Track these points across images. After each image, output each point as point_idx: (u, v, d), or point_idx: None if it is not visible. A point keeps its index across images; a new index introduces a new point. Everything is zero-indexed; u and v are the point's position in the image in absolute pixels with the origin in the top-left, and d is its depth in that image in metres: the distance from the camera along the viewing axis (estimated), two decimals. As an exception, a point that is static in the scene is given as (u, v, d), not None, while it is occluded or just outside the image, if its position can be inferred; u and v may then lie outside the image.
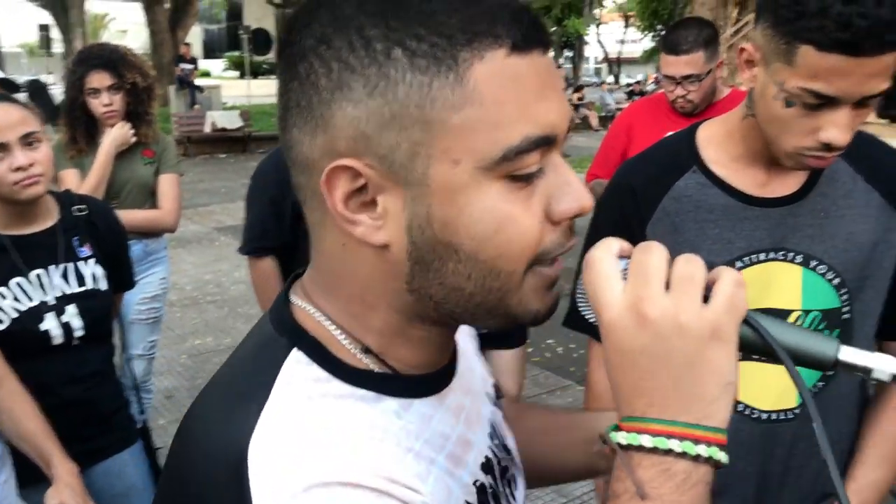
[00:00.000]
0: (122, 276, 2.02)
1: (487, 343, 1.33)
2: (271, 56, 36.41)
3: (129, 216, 2.57)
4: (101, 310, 1.87)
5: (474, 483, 0.68)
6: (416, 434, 0.63)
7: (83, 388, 1.83)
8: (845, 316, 1.24)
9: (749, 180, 1.23)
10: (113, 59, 2.81)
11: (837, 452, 1.32)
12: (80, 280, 1.84)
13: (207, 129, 14.81)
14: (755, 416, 1.27)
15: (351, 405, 0.60)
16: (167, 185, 2.98)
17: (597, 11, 32.16)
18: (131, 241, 2.31)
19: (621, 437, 0.57)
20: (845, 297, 1.23)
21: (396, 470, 0.58)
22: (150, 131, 2.94)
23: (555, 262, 0.62)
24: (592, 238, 1.24)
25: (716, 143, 1.27)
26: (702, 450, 0.55)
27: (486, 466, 0.71)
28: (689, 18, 2.90)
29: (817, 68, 1.00)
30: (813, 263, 1.22)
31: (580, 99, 21.93)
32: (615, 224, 1.26)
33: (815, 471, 1.31)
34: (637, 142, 2.87)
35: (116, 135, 2.82)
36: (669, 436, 0.55)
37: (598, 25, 34.16)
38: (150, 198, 2.98)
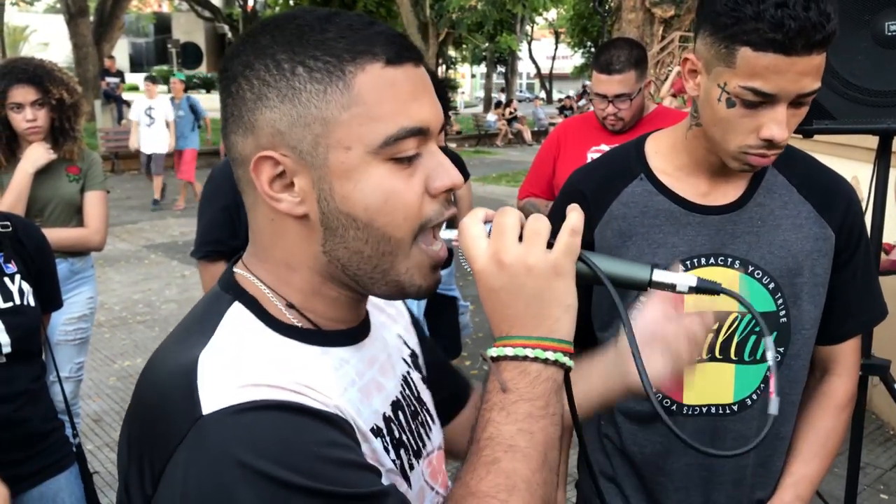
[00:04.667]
0: (49, 296, 1.95)
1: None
2: (201, 70, 35.78)
3: (53, 234, 2.49)
4: (28, 326, 1.81)
5: (383, 414, 0.84)
6: (333, 368, 0.78)
7: (12, 408, 1.76)
8: (783, 320, 1.31)
9: (692, 189, 1.30)
10: (39, 74, 2.73)
11: (782, 452, 1.39)
12: (7, 296, 1.78)
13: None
14: (695, 412, 1.32)
15: (282, 343, 0.76)
16: (93, 202, 2.91)
17: (528, 28, 32.69)
18: (56, 260, 2.24)
19: (492, 352, 0.78)
20: (780, 301, 1.30)
21: (314, 382, 0.72)
22: (76, 147, 2.86)
23: (441, 246, 0.80)
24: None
25: (662, 153, 1.34)
26: (549, 355, 0.76)
27: (396, 405, 0.87)
28: (620, 39, 2.97)
29: (755, 67, 1.10)
30: (750, 269, 1.29)
31: (512, 112, 22.22)
32: None
33: (756, 465, 1.36)
34: (566, 158, 2.93)
35: (33, 155, 2.74)
36: (525, 346, 0.76)
37: (529, 42, 34.71)
38: (75, 216, 2.90)
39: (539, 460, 0.74)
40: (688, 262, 1.28)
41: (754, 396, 1.33)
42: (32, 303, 1.82)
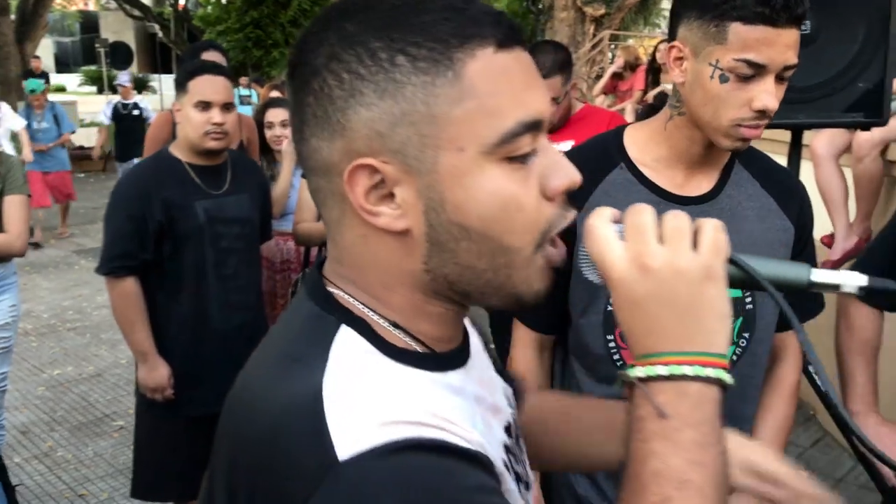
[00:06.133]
0: None
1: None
2: (132, 70, 34.85)
3: (-30, 241, 2.42)
4: None
5: (503, 445, 0.75)
6: (456, 395, 0.69)
7: None
8: (749, 306, 1.38)
9: (669, 180, 1.36)
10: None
11: (747, 432, 1.45)
12: None
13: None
14: None
15: (402, 371, 0.66)
16: (13, 207, 2.82)
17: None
18: (-27, 268, 2.17)
19: (639, 372, 0.66)
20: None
21: (451, 415, 0.63)
22: (-7, 151, 2.77)
23: (557, 244, 0.69)
24: None
25: (639, 144, 1.40)
26: (710, 372, 0.65)
27: (508, 429, 0.78)
28: (544, 42, 3.02)
29: (746, 40, 1.18)
30: None
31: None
32: None
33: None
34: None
35: None
36: (681, 364, 0.65)
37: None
38: (-6, 221, 2.81)
39: (716, 497, 0.62)
40: None
41: None
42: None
